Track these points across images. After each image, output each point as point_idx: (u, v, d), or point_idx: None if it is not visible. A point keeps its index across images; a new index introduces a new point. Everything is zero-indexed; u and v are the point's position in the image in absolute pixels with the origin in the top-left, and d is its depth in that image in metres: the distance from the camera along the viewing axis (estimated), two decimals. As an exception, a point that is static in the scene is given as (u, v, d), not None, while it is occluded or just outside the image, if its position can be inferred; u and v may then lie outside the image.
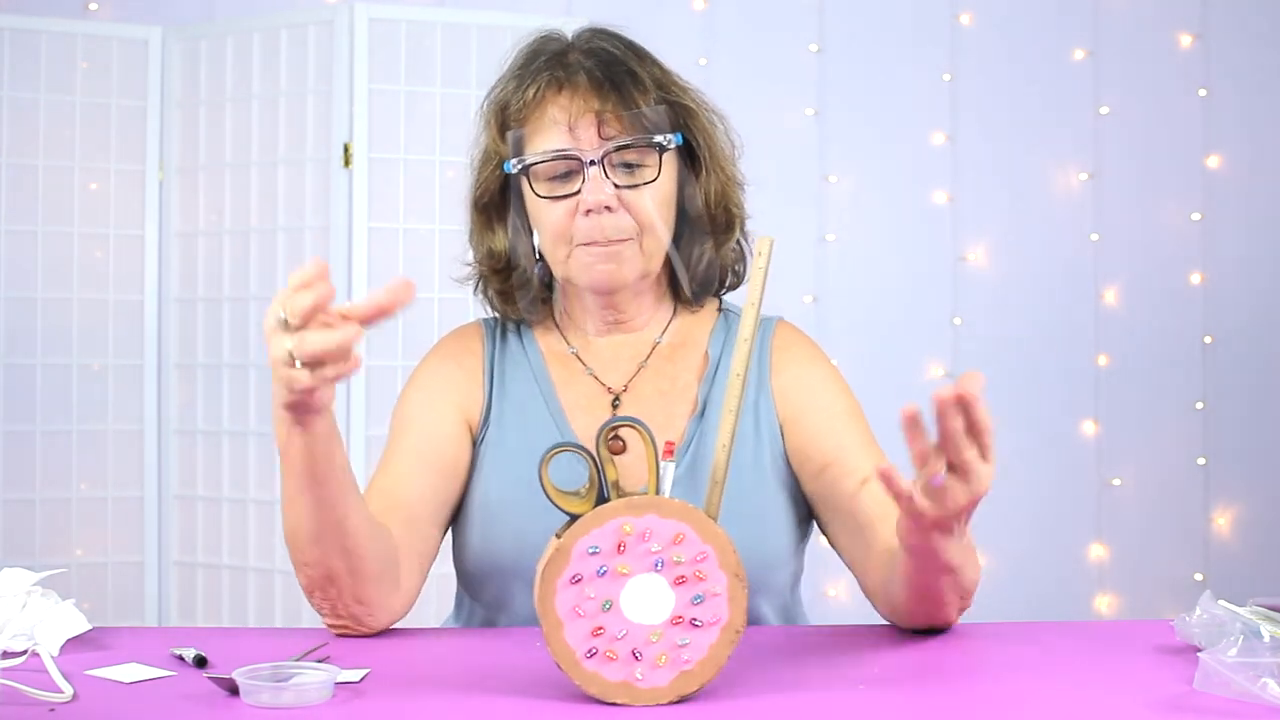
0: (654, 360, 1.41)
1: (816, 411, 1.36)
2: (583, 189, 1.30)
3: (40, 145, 3.13)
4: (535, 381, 1.40)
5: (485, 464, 1.37)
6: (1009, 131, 3.59)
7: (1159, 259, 3.64)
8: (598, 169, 1.30)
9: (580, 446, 0.99)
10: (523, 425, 1.38)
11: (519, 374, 1.41)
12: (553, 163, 1.32)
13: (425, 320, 3.05)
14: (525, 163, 1.32)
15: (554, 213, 1.32)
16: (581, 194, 1.30)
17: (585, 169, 1.30)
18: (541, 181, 1.33)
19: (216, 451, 3.18)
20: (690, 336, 1.43)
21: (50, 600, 1.14)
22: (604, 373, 1.40)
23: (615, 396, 1.39)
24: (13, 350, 3.12)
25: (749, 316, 1.03)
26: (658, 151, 1.33)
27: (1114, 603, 3.63)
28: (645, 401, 1.38)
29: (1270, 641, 1.00)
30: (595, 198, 1.29)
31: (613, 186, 1.30)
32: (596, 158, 1.30)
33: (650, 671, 0.95)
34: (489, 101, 1.41)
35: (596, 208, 1.29)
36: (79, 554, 3.14)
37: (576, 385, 1.40)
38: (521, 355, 1.42)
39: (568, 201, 1.31)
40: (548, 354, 1.42)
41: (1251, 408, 3.66)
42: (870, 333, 3.52)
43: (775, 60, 3.52)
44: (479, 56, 3.09)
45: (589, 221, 1.30)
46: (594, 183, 1.30)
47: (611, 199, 1.30)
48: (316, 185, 3.08)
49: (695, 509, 0.96)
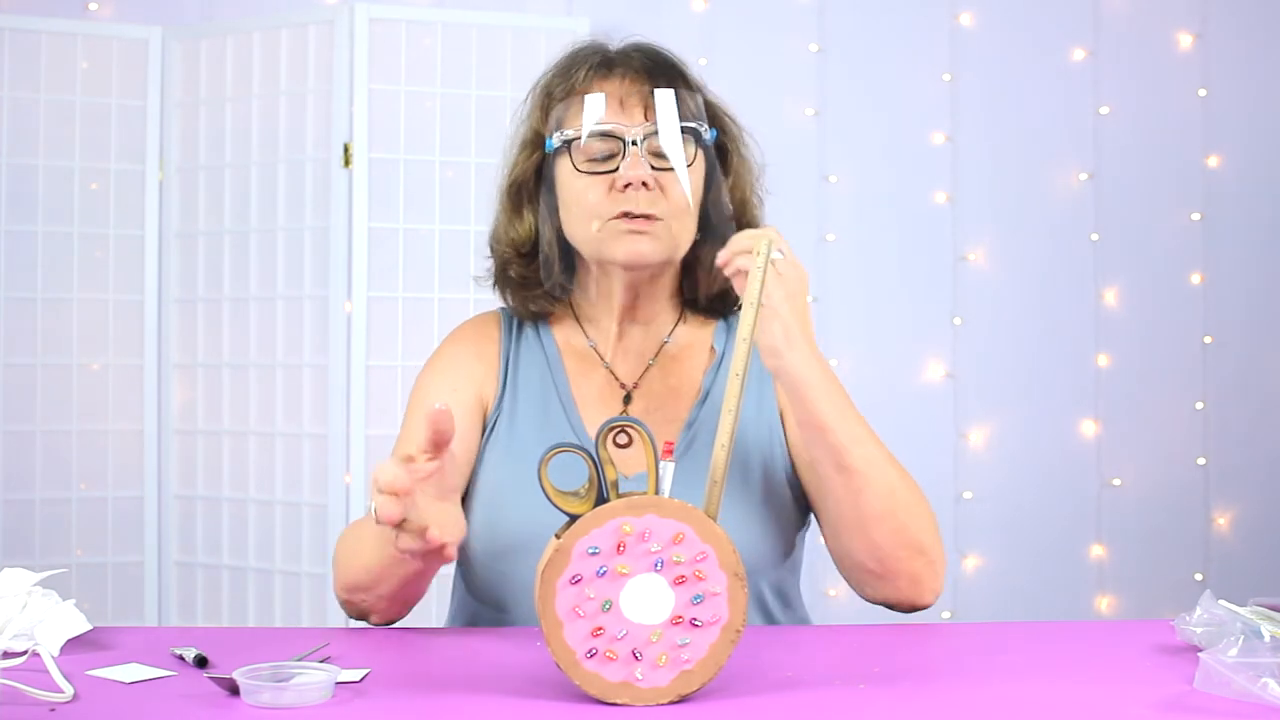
0: (662, 359, 1.44)
1: None
2: (621, 165, 1.33)
3: (40, 145, 3.13)
4: (550, 372, 1.43)
5: (494, 451, 1.39)
6: (1009, 131, 3.59)
7: (1159, 259, 3.64)
8: (638, 148, 1.32)
9: (579, 447, 0.99)
10: (534, 415, 1.40)
11: (534, 364, 1.44)
12: (594, 140, 1.33)
13: (425, 320, 3.05)
14: (566, 136, 1.35)
15: (591, 189, 1.34)
16: (620, 170, 1.33)
17: (625, 147, 1.33)
18: (581, 159, 1.35)
19: (216, 451, 3.18)
20: (697, 338, 1.47)
21: (50, 600, 1.14)
22: (617, 367, 1.43)
23: (627, 392, 1.42)
24: (13, 350, 3.12)
25: (748, 315, 1.03)
26: (695, 140, 1.35)
27: (1114, 603, 3.62)
28: (655, 396, 1.42)
29: (1270, 641, 1.00)
30: (634, 172, 1.32)
31: (650, 167, 1.32)
32: (639, 137, 1.33)
33: (650, 671, 0.95)
34: (535, 89, 1.44)
35: (635, 182, 1.32)
36: (79, 554, 3.14)
37: (591, 378, 1.43)
38: (537, 346, 1.45)
39: (604, 178, 1.34)
40: (564, 347, 1.45)
41: (1251, 408, 3.66)
42: (870, 333, 3.52)
43: (775, 60, 3.52)
44: (479, 56, 3.09)
45: (625, 196, 1.33)
46: (633, 159, 1.32)
47: (649, 176, 1.32)
48: (316, 185, 3.08)
49: (695, 509, 0.96)
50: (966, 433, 3.58)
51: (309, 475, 3.09)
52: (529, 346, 1.45)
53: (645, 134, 1.33)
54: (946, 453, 3.56)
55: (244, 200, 3.15)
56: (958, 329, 3.59)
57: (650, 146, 1.33)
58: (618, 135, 1.33)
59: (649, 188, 1.33)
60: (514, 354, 1.45)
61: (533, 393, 1.42)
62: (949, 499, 3.54)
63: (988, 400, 3.58)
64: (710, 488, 1.00)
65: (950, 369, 3.57)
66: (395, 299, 3.09)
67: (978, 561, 3.56)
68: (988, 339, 3.58)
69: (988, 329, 3.58)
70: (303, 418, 3.10)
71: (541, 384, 1.42)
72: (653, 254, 1.35)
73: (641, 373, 1.43)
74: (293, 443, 3.11)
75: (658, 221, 1.34)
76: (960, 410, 3.58)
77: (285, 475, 3.11)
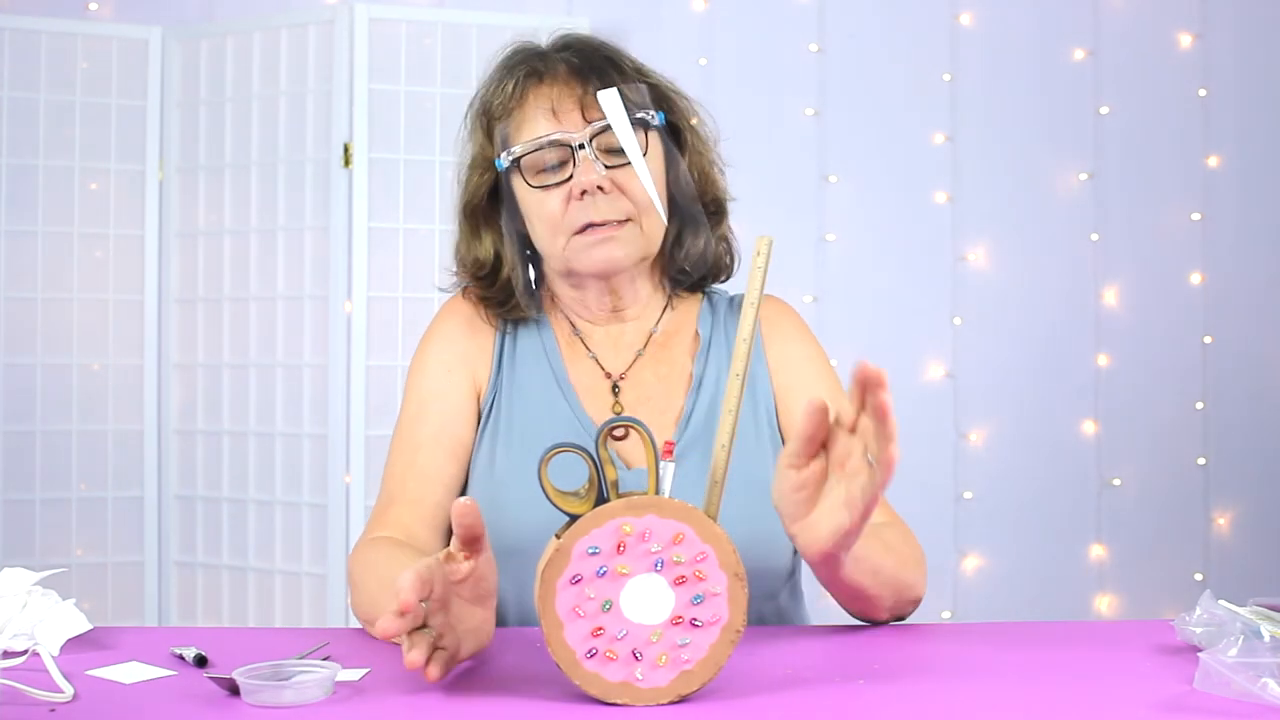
0: (650, 348, 1.43)
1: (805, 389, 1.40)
2: (574, 173, 1.31)
3: (40, 145, 3.13)
4: (546, 357, 1.42)
5: (493, 437, 1.38)
6: (1009, 131, 3.59)
7: (1159, 259, 3.64)
8: (587, 151, 1.30)
9: (579, 447, 0.99)
10: (533, 402, 1.39)
11: (531, 349, 1.43)
12: (542, 152, 1.32)
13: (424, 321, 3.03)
14: (514, 154, 1.33)
15: (548, 202, 1.32)
16: (573, 178, 1.31)
17: (574, 153, 1.31)
18: (533, 173, 1.33)
19: (216, 451, 3.18)
20: (682, 324, 1.46)
21: (50, 600, 1.14)
22: (605, 358, 1.42)
23: (614, 383, 1.41)
24: (13, 350, 3.12)
25: (748, 316, 1.03)
26: (643, 129, 1.33)
27: (1114, 603, 3.62)
28: (645, 386, 1.41)
29: (1270, 641, 1.00)
30: (587, 178, 1.30)
31: (603, 168, 1.31)
32: (585, 140, 1.31)
33: (650, 671, 0.95)
34: (472, 110, 1.42)
35: (590, 188, 1.30)
36: (79, 554, 3.14)
37: (580, 366, 1.42)
38: (535, 330, 1.44)
39: (560, 189, 1.32)
40: (558, 333, 1.44)
41: (1251, 408, 3.66)
42: (870, 333, 3.52)
43: (775, 60, 3.52)
44: (479, 56, 3.09)
45: (583, 205, 1.31)
46: (584, 165, 1.30)
47: (604, 179, 1.30)
48: (316, 185, 3.08)
49: (695, 509, 0.96)
50: (966, 433, 3.58)
51: (309, 475, 3.09)
52: (527, 329, 1.44)
53: (591, 134, 1.31)
54: (946, 453, 3.56)
55: (244, 200, 3.15)
56: (958, 329, 3.58)
57: (600, 144, 1.31)
58: (563, 143, 1.31)
59: (606, 190, 1.31)
60: (510, 337, 1.43)
61: (531, 377, 1.41)
62: (949, 499, 3.54)
63: (988, 400, 3.58)
64: (711, 488, 1.00)
65: (950, 369, 3.57)
66: (395, 299, 3.09)
67: (978, 561, 3.56)
68: (988, 339, 3.58)
69: (988, 329, 3.58)
70: (303, 418, 3.10)
71: (539, 369, 1.41)
72: (626, 258, 1.34)
73: (630, 363, 1.42)
74: (293, 443, 3.11)
75: (625, 224, 1.32)
76: (960, 410, 3.58)
77: (285, 475, 3.11)
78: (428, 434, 1.37)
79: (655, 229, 1.36)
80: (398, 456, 1.38)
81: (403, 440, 1.38)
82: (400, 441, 1.39)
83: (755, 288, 1.04)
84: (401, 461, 1.37)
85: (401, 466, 1.37)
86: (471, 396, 1.40)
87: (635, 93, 1.32)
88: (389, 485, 1.37)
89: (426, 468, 1.36)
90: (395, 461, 1.38)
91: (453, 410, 1.39)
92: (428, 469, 1.36)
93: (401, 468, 1.37)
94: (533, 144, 1.32)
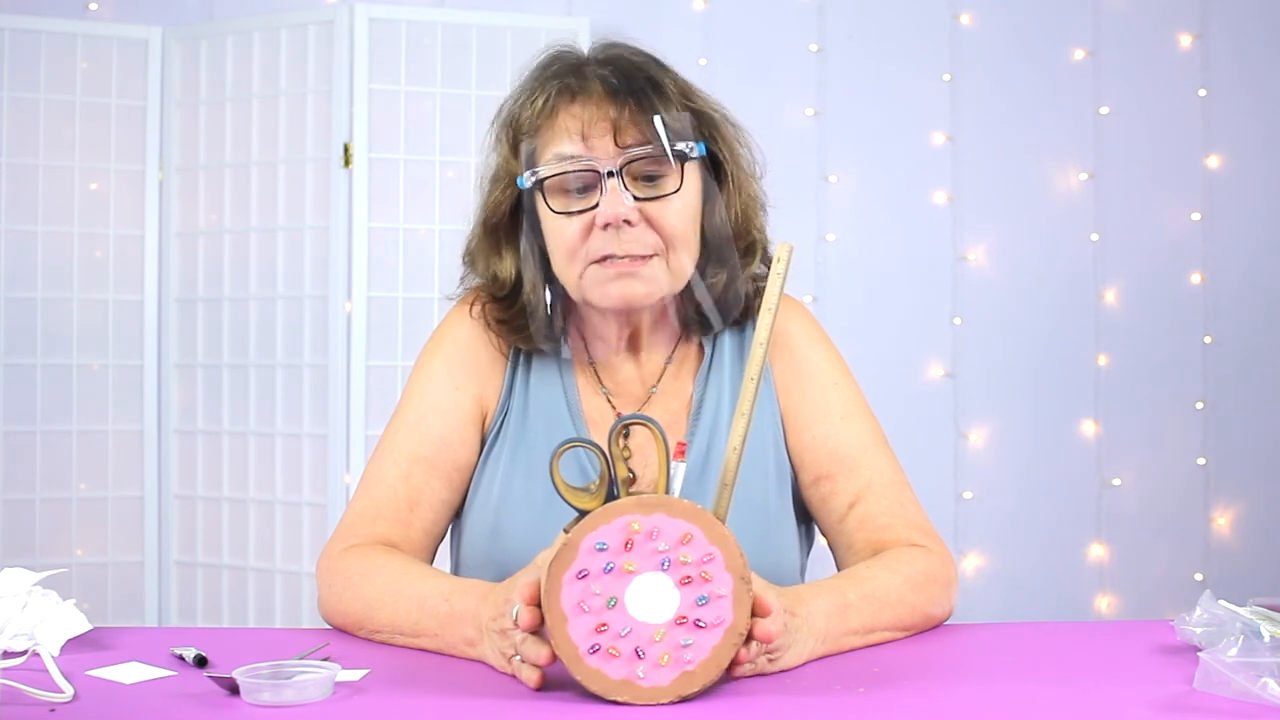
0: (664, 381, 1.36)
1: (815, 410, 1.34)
2: (600, 202, 1.22)
3: (40, 145, 3.13)
4: (561, 385, 1.35)
5: (497, 462, 1.32)
6: (1009, 131, 3.59)
7: (1159, 259, 3.64)
8: (616, 180, 1.21)
9: (591, 443, 0.99)
10: (544, 426, 1.33)
11: (547, 376, 1.35)
12: (568, 175, 1.23)
13: (424, 321, 3.05)
14: (539, 175, 1.24)
15: (569, 229, 1.23)
16: (599, 207, 1.22)
17: (603, 180, 1.22)
18: (556, 196, 1.24)
19: (216, 451, 3.18)
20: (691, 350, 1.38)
21: (50, 600, 1.14)
22: (617, 396, 1.36)
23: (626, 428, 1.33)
24: (13, 350, 3.12)
25: (765, 321, 1.02)
26: (680, 161, 1.24)
27: (1114, 603, 3.62)
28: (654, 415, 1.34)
29: (1270, 641, 1.00)
30: (614, 210, 1.21)
31: (633, 199, 1.22)
32: (615, 168, 1.22)
33: (652, 670, 0.95)
34: (499, 118, 1.33)
35: (615, 221, 1.21)
36: (79, 554, 3.14)
37: (592, 402, 1.35)
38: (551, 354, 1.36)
39: (584, 216, 1.23)
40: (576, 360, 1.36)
41: (1251, 408, 3.66)
42: (870, 333, 3.52)
43: (775, 60, 3.52)
44: (479, 56, 3.10)
45: (606, 236, 1.22)
46: (612, 195, 1.21)
47: (632, 212, 1.21)
48: (316, 185, 3.08)
49: (704, 510, 0.96)
50: (966, 432, 3.58)
51: (309, 475, 3.09)
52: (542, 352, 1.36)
53: (621, 163, 1.22)
54: (946, 452, 3.56)
55: (244, 200, 3.15)
56: (958, 329, 3.58)
57: (632, 171, 1.22)
58: (592, 169, 1.22)
59: (633, 224, 1.22)
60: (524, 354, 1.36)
61: (544, 401, 1.34)
62: (949, 499, 3.54)
63: (988, 400, 3.58)
64: (720, 490, 1.00)
65: (950, 369, 3.57)
66: (395, 299, 3.09)
67: (978, 561, 3.56)
68: (988, 339, 3.58)
69: (988, 329, 3.58)
70: (303, 418, 3.10)
71: (553, 393, 1.34)
72: (645, 297, 1.25)
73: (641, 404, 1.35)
74: (293, 443, 3.11)
75: (650, 259, 1.23)
76: (960, 410, 3.58)
77: (285, 475, 3.11)
78: (424, 453, 1.31)
79: (683, 266, 1.26)
80: (389, 464, 1.32)
81: (398, 448, 1.32)
82: (394, 448, 1.32)
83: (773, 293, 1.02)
84: (394, 473, 1.31)
85: (393, 478, 1.31)
86: (475, 418, 1.34)
87: (675, 121, 1.23)
88: (375, 494, 1.31)
89: (420, 489, 1.31)
90: (386, 469, 1.31)
91: (452, 433, 1.32)
92: (421, 490, 1.31)
93: (392, 479, 1.31)
94: (558, 167, 1.23)
